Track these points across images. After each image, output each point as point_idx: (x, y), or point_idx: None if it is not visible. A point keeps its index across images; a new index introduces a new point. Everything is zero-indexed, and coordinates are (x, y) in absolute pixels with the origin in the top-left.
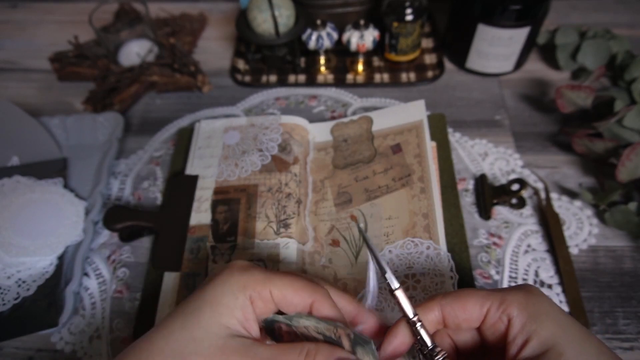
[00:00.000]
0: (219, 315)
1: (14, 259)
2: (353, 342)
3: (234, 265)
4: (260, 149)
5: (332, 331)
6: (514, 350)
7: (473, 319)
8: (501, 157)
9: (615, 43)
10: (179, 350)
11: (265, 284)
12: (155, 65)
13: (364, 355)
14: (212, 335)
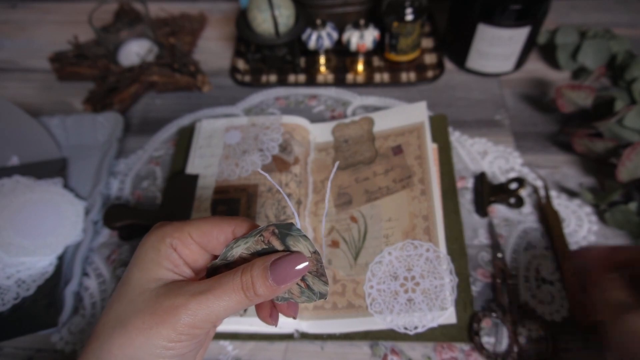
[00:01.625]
0: (146, 270)
1: (13, 259)
2: (280, 236)
3: (154, 227)
4: (261, 148)
5: (260, 242)
6: None
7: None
8: (501, 155)
9: (615, 43)
10: (118, 318)
11: (183, 228)
12: (155, 65)
13: (296, 243)
14: (144, 290)
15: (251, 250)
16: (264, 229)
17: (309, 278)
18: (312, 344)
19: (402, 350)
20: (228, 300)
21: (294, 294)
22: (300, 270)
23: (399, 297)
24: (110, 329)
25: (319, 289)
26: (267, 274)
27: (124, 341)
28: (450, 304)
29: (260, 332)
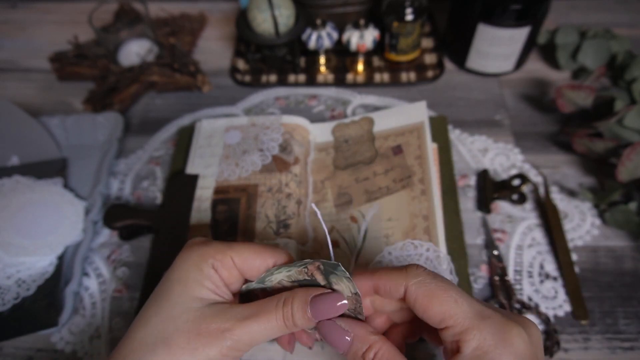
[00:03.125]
0: (189, 289)
1: (13, 258)
2: (325, 273)
3: (192, 242)
4: (261, 148)
5: (304, 272)
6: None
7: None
8: (501, 152)
9: (615, 43)
10: (159, 334)
11: (226, 252)
12: (155, 65)
13: (339, 281)
14: (187, 309)
15: (292, 279)
16: (310, 262)
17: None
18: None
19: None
20: (269, 327)
21: (350, 289)
22: (338, 308)
23: None
24: (151, 345)
25: None
26: (307, 308)
27: (167, 359)
28: None
29: None
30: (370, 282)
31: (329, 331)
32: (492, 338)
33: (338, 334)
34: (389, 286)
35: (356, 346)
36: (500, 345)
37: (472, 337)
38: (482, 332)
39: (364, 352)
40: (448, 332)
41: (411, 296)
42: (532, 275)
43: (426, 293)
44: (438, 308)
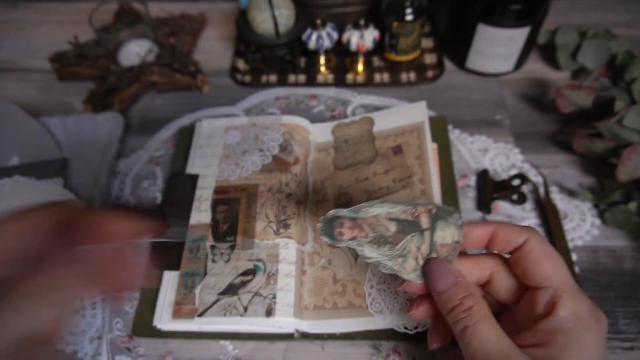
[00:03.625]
0: None
1: None
2: (433, 217)
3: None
4: (261, 148)
5: (409, 213)
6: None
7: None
8: (501, 152)
9: (615, 43)
10: None
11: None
12: (155, 65)
13: (445, 228)
14: None
15: (392, 216)
16: (422, 204)
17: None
18: (313, 344)
19: (406, 349)
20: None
21: (404, 269)
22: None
23: (399, 297)
24: None
25: None
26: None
27: None
28: None
29: (260, 331)
30: (490, 228)
31: (435, 268)
32: (587, 311)
33: (446, 273)
34: (510, 234)
35: (457, 290)
36: (593, 320)
37: (571, 302)
38: (580, 302)
39: (464, 297)
40: (546, 292)
41: (528, 247)
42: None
43: (543, 249)
44: (549, 266)
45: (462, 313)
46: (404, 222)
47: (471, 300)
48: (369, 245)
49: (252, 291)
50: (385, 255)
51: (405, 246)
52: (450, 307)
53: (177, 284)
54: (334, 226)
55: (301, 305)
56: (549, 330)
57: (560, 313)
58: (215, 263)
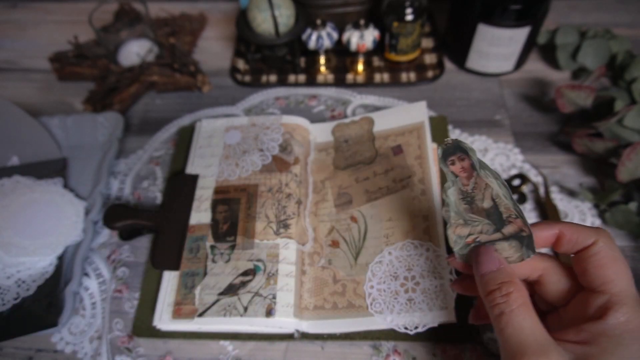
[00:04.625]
0: None
1: (13, 259)
2: (518, 237)
3: None
4: (261, 148)
5: (508, 211)
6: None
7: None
8: (501, 152)
9: (615, 43)
10: None
11: None
12: (155, 65)
13: (514, 251)
14: None
15: (496, 198)
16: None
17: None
18: (313, 344)
19: (406, 349)
20: None
21: (455, 232)
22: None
23: (399, 297)
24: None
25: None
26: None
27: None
28: (450, 304)
29: (260, 332)
30: (556, 230)
31: (482, 251)
32: (638, 322)
33: (490, 256)
34: (578, 235)
35: (498, 274)
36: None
37: (626, 311)
38: (635, 313)
39: (503, 282)
40: (603, 296)
41: (595, 249)
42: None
43: (610, 254)
44: (612, 272)
45: (500, 298)
46: (497, 212)
47: (511, 287)
48: (457, 191)
49: (252, 291)
50: (456, 208)
51: (477, 223)
52: (489, 290)
53: (177, 284)
54: (457, 153)
55: (301, 306)
56: (595, 332)
57: (611, 319)
58: (215, 263)
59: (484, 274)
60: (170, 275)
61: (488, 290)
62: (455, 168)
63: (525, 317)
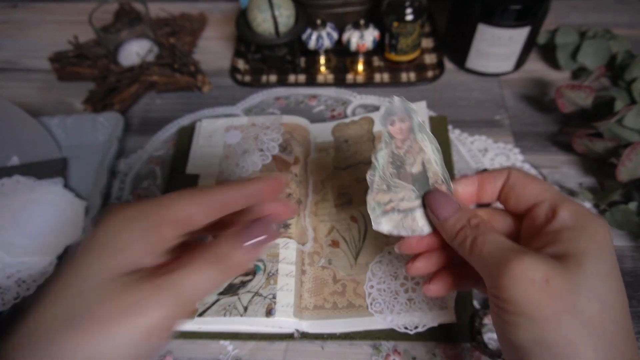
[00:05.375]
0: (105, 258)
1: (14, 258)
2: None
3: (111, 208)
4: (261, 148)
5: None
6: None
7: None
8: (501, 152)
9: (615, 43)
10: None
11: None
12: (155, 65)
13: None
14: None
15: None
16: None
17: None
18: (313, 344)
19: (406, 349)
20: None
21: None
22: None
23: (399, 297)
24: (70, 321)
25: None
26: (238, 242)
27: (93, 333)
28: (450, 303)
29: (260, 332)
30: (475, 179)
31: (438, 197)
32: (586, 209)
33: (447, 199)
34: (493, 178)
35: (462, 213)
36: (594, 216)
37: (569, 205)
38: (576, 204)
39: (470, 217)
40: (544, 204)
41: (512, 179)
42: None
43: (525, 175)
44: (536, 185)
45: (470, 230)
46: (424, 178)
47: (477, 219)
48: (389, 154)
49: (252, 291)
50: (383, 172)
51: (400, 189)
52: (458, 228)
53: None
54: (397, 114)
55: (301, 305)
56: (554, 230)
57: (562, 214)
58: None
59: (448, 217)
60: None
61: (457, 229)
62: (394, 129)
63: (498, 235)
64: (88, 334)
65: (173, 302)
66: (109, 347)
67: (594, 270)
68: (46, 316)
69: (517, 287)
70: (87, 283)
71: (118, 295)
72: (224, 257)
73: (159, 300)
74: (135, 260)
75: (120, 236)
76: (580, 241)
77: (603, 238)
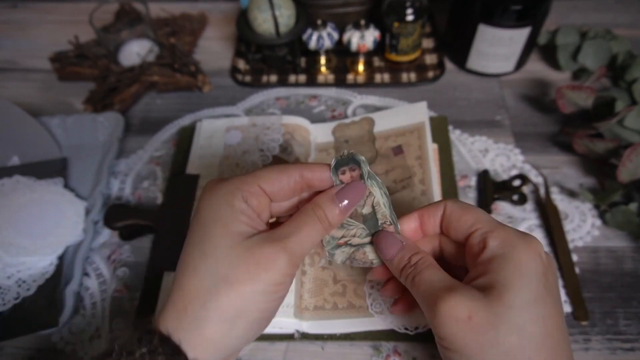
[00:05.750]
0: (228, 227)
1: (14, 259)
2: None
3: (212, 182)
4: (261, 149)
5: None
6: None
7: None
8: (502, 152)
9: (615, 43)
10: (214, 276)
11: (252, 181)
12: (156, 65)
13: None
14: (232, 245)
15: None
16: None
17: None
18: (313, 344)
19: (406, 349)
20: (312, 232)
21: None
22: (360, 190)
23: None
24: (211, 288)
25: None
26: (335, 202)
27: (233, 295)
28: None
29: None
30: (415, 216)
31: (383, 238)
32: (515, 236)
33: (392, 240)
34: (431, 211)
35: (404, 252)
36: (522, 242)
37: (498, 233)
38: (506, 231)
39: (411, 256)
40: (476, 233)
41: (448, 211)
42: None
43: (460, 205)
44: (470, 215)
45: (410, 268)
46: (374, 218)
47: (417, 257)
48: None
49: None
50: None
51: (353, 227)
52: (401, 267)
53: None
54: (349, 164)
55: (301, 306)
56: (485, 261)
57: (490, 243)
58: None
59: (392, 257)
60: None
61: (400, 268)
62: (345, 177)
63: (434, 272)
64: (230, 294)
65: (289, 258)
66: (247, 301)
67: (515, 301)
68: (190, 289)
69: (445, 325)
70: (215, 254)
71: (245, 258)
72: (325, 218)
73: (279, 258)
74: (247, 226)
75: (226, 209)
76: (505, 271)
77: (528, 265)
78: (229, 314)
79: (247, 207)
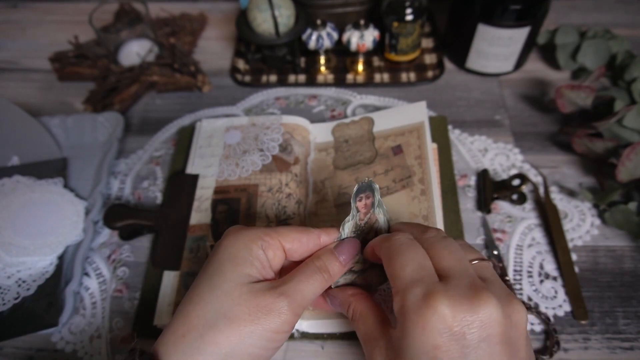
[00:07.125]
0: (241, 267)
1: (14, 258)
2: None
3: (236, 228)
4: (261, 148)
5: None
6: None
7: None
8: (501, 152)
9: (615, 43)
10: (217, 310)
11: (274, 235)
12: (155, 65)
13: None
14: (240, 284)
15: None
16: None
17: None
18: (313, 344)
19: None
20: (314, 284)
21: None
22: (355, 245)
23: None
24: (211, 321)
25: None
26: (334, 255)
27: (231, 332)
28: None
29: None
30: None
31: (330, 297)
32: (411, 304)
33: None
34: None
35: (343, 305)
36: (414, 315)
37: (398, 299)
38: (405, 298)
39: (347, 308)
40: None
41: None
42: (531, 275)
43: (385, 254)
44: (389, 270)
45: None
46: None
47: (350, 309)
48: (353, 225)
49: None
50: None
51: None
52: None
53: (177, 283)
54: (367, 192)
55: None
56: (397, 317)
57: (395, 306)
58: None
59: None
60: (170, 275)
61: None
62: (360, 204)
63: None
64: (228, 331)
65: (291, 307)
66: (243, 341)
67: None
68: (191, 317)
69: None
70: (222, 288)
71: (248, 300)
72: (325, 269)
73: (281, 306)
74: (258, 272)
75: (245, 251)
76: (400, 333)
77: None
78: (223, 350)
79: (263, 255)
